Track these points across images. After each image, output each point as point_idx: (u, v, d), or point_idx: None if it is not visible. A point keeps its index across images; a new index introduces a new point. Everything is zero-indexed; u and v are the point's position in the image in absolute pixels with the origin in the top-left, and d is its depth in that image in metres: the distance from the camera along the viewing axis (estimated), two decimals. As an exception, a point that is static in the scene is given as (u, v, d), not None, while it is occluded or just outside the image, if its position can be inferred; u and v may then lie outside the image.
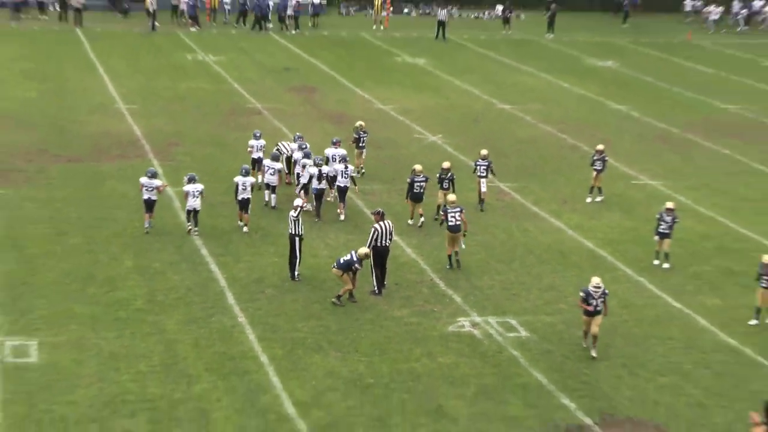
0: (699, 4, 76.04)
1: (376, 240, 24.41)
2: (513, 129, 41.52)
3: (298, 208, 24.92)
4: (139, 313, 22.75)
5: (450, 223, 26.32)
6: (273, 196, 29.96)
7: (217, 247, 26.84)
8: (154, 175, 27.91)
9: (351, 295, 23.92)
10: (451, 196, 27.52)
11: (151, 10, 60.33)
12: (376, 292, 24.38)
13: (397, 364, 21.01)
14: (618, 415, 19.52)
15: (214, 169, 32.46)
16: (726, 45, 67.70)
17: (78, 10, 60.19)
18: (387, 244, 24.57)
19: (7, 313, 22.32)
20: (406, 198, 29.50)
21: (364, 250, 23.79)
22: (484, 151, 31.98)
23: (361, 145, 33.81)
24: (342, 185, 29.56)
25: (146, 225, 27.73)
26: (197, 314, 22.84)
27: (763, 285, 23.62)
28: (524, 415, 19.34)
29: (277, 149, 31.33)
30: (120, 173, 32.68)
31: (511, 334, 22.71)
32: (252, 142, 32.21)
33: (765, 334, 23.47)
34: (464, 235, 26.69)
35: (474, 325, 23.14)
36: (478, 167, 31.23)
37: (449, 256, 26.64)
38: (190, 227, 27.76)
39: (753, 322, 23.90)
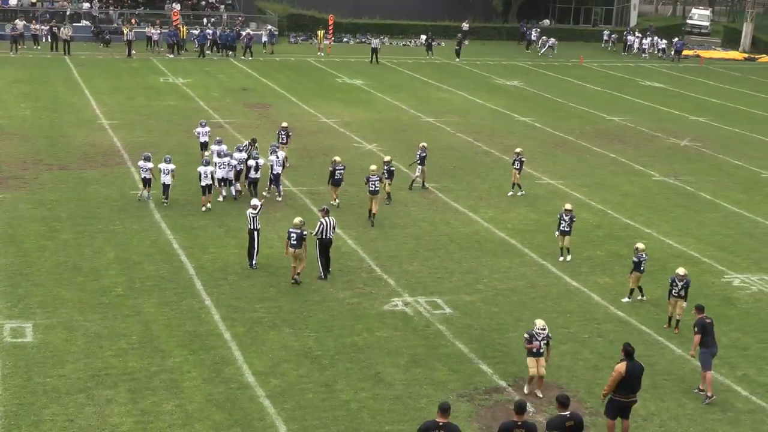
0: (538, 32, 76.93)
1: (321, 232, 24.10)
2: (435, 137, 41.34)
3: (258, 207, 24.69)
4: (120, 298, 22.33)
5: (371, 188, 28.46)
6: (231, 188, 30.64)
7: (186, 241, 26.43)
8: (148, 159, 29.37)
9: (296, 280, 23.75)
10: (373, 167, 29.50)
11: (126, 39, 59.80)
12: (323, 277, 24.11)
13: (341, 338, 20.79)
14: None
15: (184, 174, 31.86)
16: (610, 67, 68.33)
17: (66, 41, 59.36)
18: (331, 236, 24.27)
19: (6, 300, 21.82)
20: (328, 183, 30.39)
21: (296, 219, 23.90)
22: (423, 144, 33.21)
23: (281, 141, 34.57)
24: (276, 173, 30.36)
25: (146, 196, 29.59)
26: (170, 298, 22.44)
27: (633, 267, 23.68)
28: (449, 379, 19.22)
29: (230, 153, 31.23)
30: (103, 179, 32.13)
31: (438, 311, 22.56)
32: (198, 129, 34.94)
33: (647, 306, 23.56)
34: (388, 195, 30.49)
35: (406, 303, 22.96)
36: (418, 155, 32.51)
37: (369, 212, 28.79)
38: (164, 200, 29.25)
39: (625, 300, 23.88)
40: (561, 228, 26.36)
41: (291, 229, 23.69)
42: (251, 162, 30.13)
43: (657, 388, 19.29)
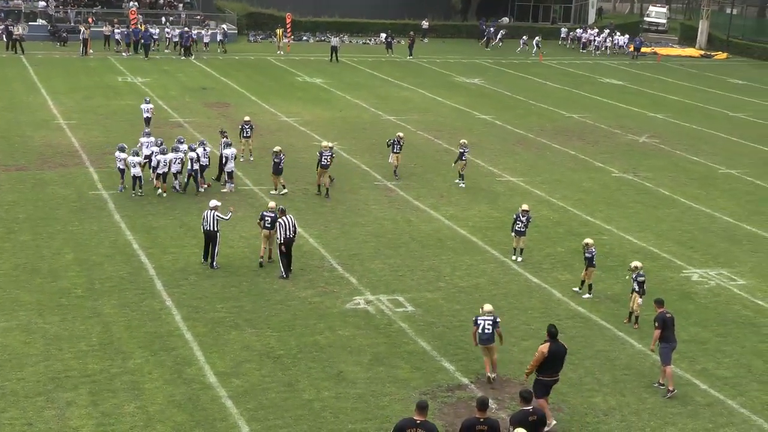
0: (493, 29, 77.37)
1: (279, 231, 24.03)
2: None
3: (219, 209, 24.67)
4: (80, 299, 22.13)
5: (323, 162, 30.94)
6: (176, 182, 31.18)
7: (146, 241, 26.25)
8: (123, 149, 30.34)
9: (270, 257, 25.00)
10: (325, 143, 32.07)
11: (81, 37, 59.48)
12: (284, 276, 24.04)
13: (303, 338, 20.75)
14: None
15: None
16: (569, 65, 68.77)
17: (18, 40, 58.66)
18: (291, 236, 24.19)
19: (-38, 303, 21.56)
20: (272, 173, 31.49)
21: (270, 203, 25.24)
22: (400, 134, 34.70)
23: (245, 135, 35.33)
24: (229, 170, 31.46)
25: (120, 188, 30.47)
26: (130, 299, 22.27)
27: (586, 263, 23.98)
28: (412, 377, 19.24)
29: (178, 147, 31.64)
30: (61, 179, 31.81)
31: (399, 309, 22.58)
32: (143, 105, 38.67)
33: (607, 303, 23.73)
34: (331, 179, 31.80)
35: (368, 302, 22.96)
36: (394, 144, 33.86)
37: (318, 186, 31.35)
38: (136, 192, 30.01)
39: (580, 291, 24.16)
40: (516, 228, 26.28)
41: (265, 213, 24.51)
42: (192, 154, 30.72)
43: (617, 383, 19.46)
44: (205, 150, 31.34)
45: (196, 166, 30.79)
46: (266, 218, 24.43)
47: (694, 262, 27.17)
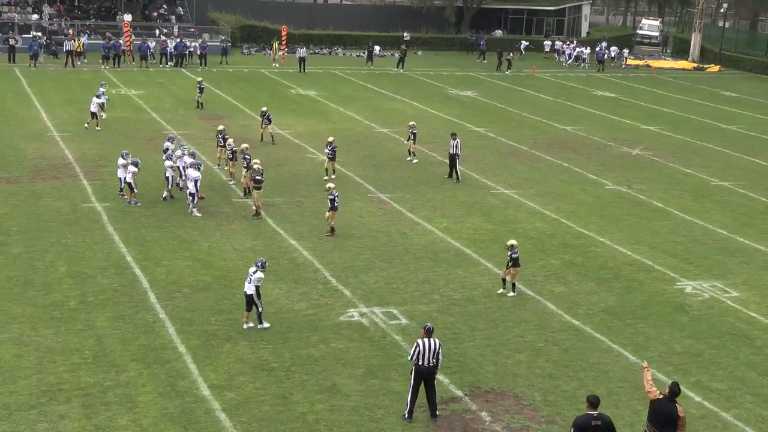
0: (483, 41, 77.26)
1: None
2: (390, 148, 41.46)
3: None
4: (73, 312, 22.07)
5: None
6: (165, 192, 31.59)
7: (139, 254, 26.22)
8: (135, 164, 30.68)
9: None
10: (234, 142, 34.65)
11: (64, 50, 60.29)
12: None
13: (297, 350, 20.72)
14: (484, 387, 19.49)
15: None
16: (562, 77, 68.96)
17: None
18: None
19: (-45, 316, 21.49)
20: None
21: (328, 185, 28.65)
22: (411, 122, 39.42)
23: (220, 144, 35.94)
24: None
25: (134, 202, 30.71)
26: (123, 312, 22.22)
27: (510, 263, 24.46)
28: (406, 389, 19.03)
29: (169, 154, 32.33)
30: (54, 191, 31.78)
31: (393, 322, 22.56)
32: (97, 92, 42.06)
33: (601, 315, 23.73)
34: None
35: (361, 314, 22.94)
36: (411, 134, 38.30)
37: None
38: (124, 195, 30.81)
39: (504, 292, 24.77)
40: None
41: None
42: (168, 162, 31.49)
43: (612, 395, 19.42)
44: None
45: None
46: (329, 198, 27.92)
47: (688, 275, 27.20)
